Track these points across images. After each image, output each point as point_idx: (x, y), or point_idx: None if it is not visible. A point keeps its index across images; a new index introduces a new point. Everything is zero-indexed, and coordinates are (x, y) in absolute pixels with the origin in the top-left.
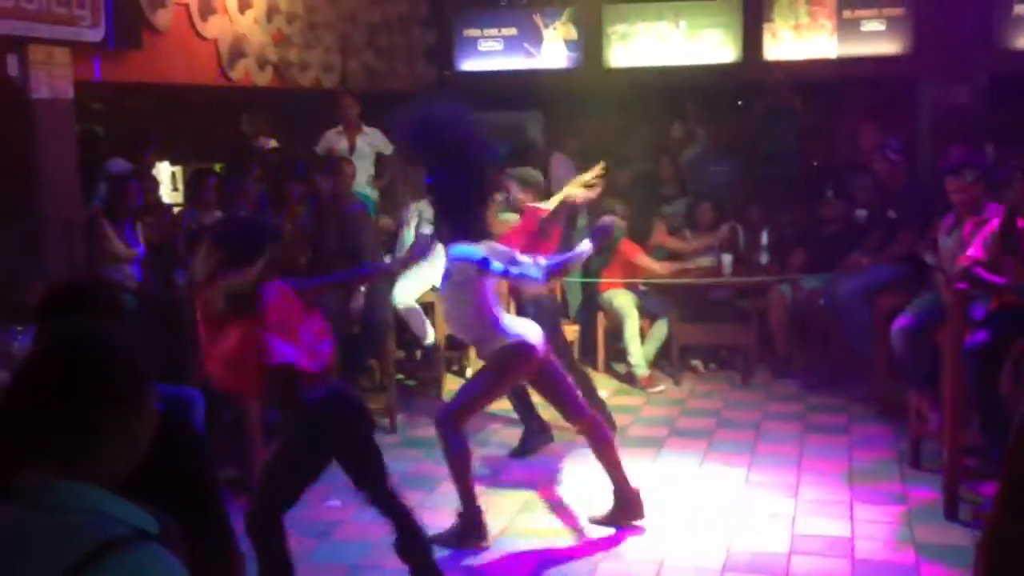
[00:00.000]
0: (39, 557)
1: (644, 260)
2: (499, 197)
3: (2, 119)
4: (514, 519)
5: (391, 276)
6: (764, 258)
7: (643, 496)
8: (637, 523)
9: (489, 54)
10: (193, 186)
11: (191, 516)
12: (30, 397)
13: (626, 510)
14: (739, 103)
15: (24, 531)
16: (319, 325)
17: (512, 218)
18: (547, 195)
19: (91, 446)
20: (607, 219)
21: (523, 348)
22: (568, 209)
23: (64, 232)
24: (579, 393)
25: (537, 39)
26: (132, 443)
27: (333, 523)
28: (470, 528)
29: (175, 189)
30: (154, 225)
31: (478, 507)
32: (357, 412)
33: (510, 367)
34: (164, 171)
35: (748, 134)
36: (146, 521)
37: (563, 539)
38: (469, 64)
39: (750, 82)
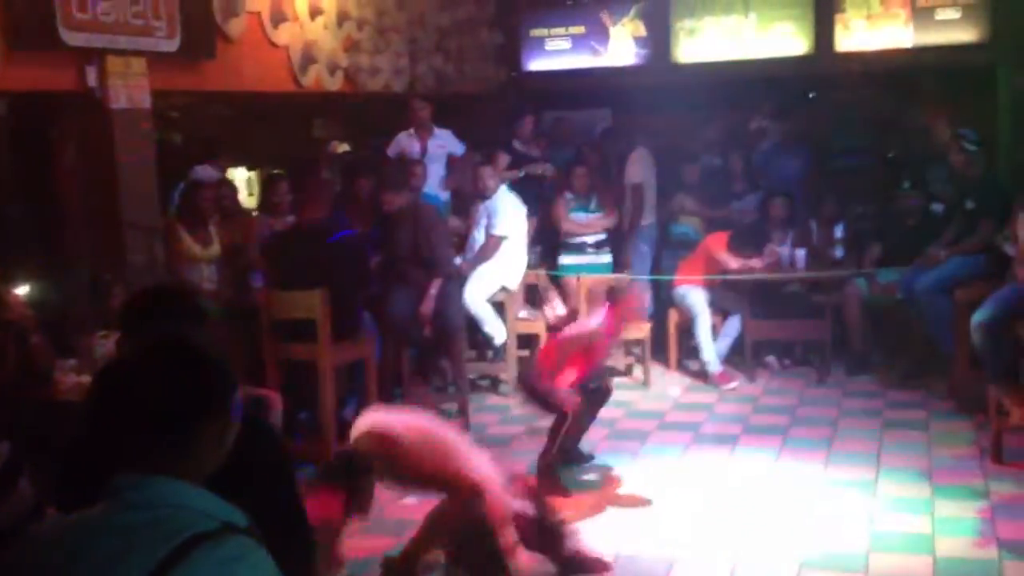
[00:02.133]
0: (132, 551)
1: (728, 259)
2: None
3: (82, 129)
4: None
5: (462, 277)
6: (839, 252)
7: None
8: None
9: (556, 53)
10: (266, 192)
11: (269, 514)
12: (124, 402)
13: None
14: (811, 95)
15: (117, 527)
16: None
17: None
18: (616, 187)
19: (183, 447)
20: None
21: None
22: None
23: (144, 238)
24: None
25: (604, 37)
26: (220, 444)
27: (408, 522)
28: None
29: (250, 194)
30: (230, 229)
31: None
32: None
33: None
34: (239, 176)
35: (821, 127)
36: (235, 515)
37: (637, 533)
38: (537, 64)
39: (823, 74)
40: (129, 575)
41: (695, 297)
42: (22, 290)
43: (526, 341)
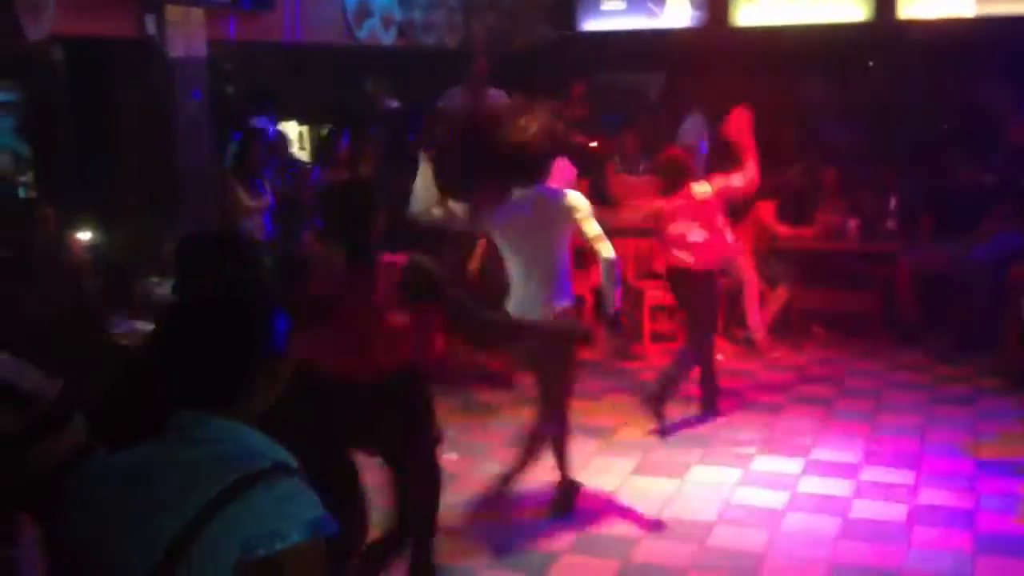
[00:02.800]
0: (192, 486)
1: (778, 228)
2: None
3: (141, 77)
4: (627, 478)
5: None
6: (891, 223)
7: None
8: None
9: (612, 13)
10: (325, 146)
11: (317, 457)
12: (185, 346)
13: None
14: (870, 63)
15: (177, 462)
16: None
17: None
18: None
19: (240, 389)
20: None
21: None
22: None
23: (199, 187)
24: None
25: None
26: (274, 386)
27: (451, 476)
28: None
29: (302, 148)
30: (283, 181)
31: None
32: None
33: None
34: (292, 130)
35: (879, 96)
36: (287, 456)
37: (674, 501)
38: (591, 24)
39: (882, 42)
40: (188, 508)
41: (742, 264)
42: (84, 235)
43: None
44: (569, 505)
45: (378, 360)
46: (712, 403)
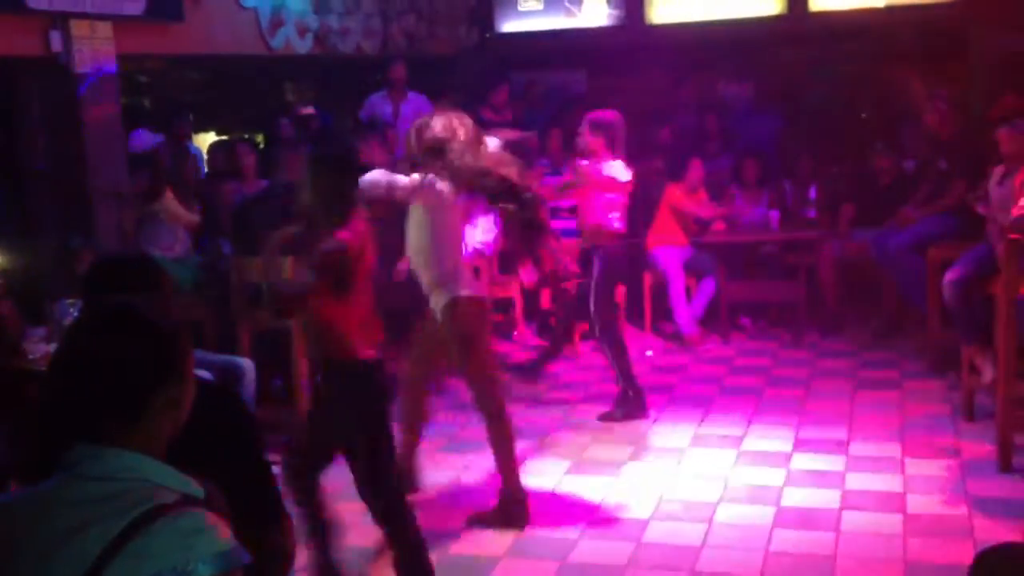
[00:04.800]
0: (91, 524)
1: (690, 206)
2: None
3: (48, 94)
4: (562, 478)
5: None
6: (812, 213)
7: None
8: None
9: (530, 14)
10: (231, 156)
11: (239, 483)
12: (76, 370)
13: (509, 514)
14: (784, 55)
15: (74, 499)
16: None
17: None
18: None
19: (137, 416)
20: None
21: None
22: None
23: (112, 203)
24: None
25: None
26: (176, 410)
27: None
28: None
29: None
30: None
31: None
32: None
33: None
34: (209, 142)
35: (794, 87)
36: (192, 487)
37: (609, 499)
38: (510, 25)
39: (796, 34)
40: (87, 547)
41: (667, 259)
42: None
43: (503, 306)
44: (513, 519)
45: None
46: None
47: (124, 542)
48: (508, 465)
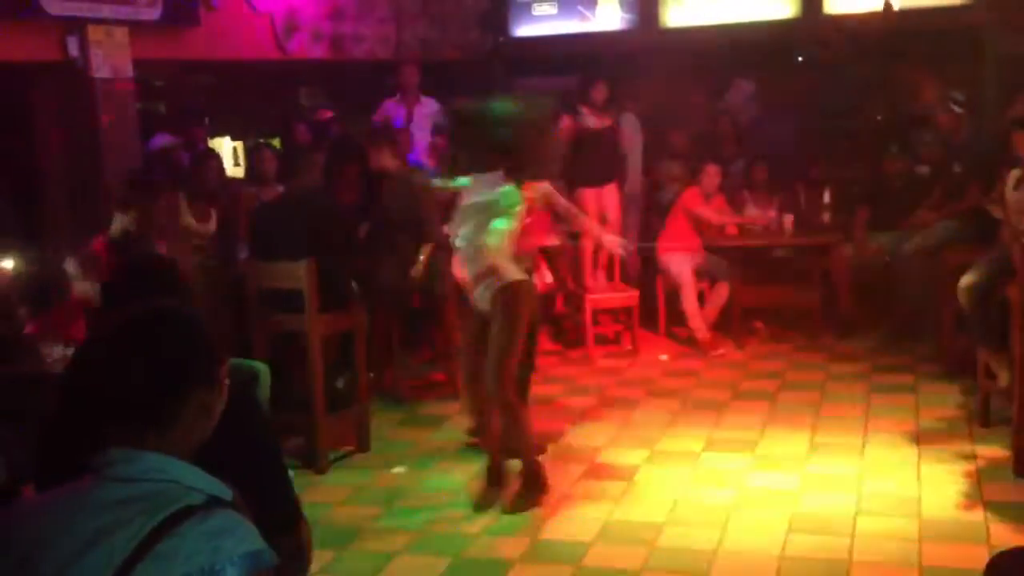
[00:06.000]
0: (121, 525)
1: (705, 212)
2: None
3: (65, 99)
4: (576, 483)
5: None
6: (826, 216)
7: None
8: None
9: (543, 18)
10: (251, 161)
11: (254, 487)
12: (106, 377)
13: (533, 487)
14: (799, 59)
15: (106, 501)
16: None
17: None
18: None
19: (170, 420)
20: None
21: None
22: None
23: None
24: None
25: (592, 2)
26: (207, 417)
27: (396, 489)
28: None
29: (236, 164)
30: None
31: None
32: None
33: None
34: (225, 146)
35: (808, 91)
36: (221, 489)
37: (623, 503)
38: (523, 30)
39: (810, 37)
40: (116, 548)
41: (679, 264)
42: (7, 263)
43: None
44: (537, 490)
45: None
46: None
47: (153, 543)
48: (523, 446)
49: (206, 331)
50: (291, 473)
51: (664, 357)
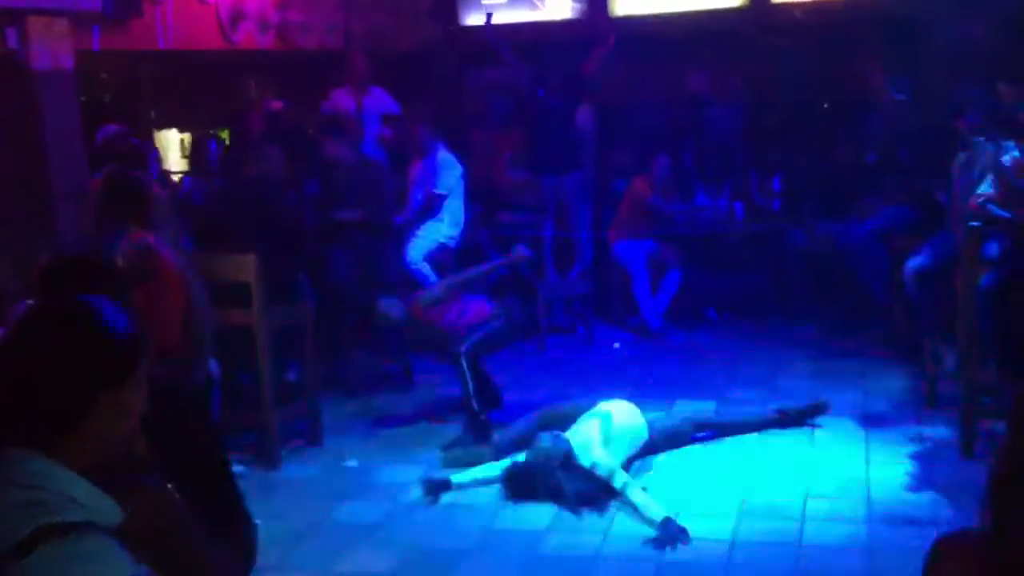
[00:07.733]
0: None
1: (655, 201)
2: None
3: (4, 92)
4: None
5: (399, 235)
6: (776, 204)
7: None
8: None
9: (493, 7)
10: (194, 153)
11: (198, 484)
12: (13, 372)
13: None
14: (747, 47)
15: None
16: None
17: None
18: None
19: (76, 421)
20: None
21: None
22: None
23: (73, 202)
24: None
25: None
26: (123, 416)
27: (349, 482)
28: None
29: (184, 156)
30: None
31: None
32: None
33: None
34: (172, 138)
35: (757, 79)
36: (107, 511)
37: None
38: (474, 19)
39: (759, 25)
40: None
41: (630, 253)
42: None
43: None
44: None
45: None
46: None
47: (15, 557)
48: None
49: (122, 327)
50: (238, 469)
51: (617, 345)
